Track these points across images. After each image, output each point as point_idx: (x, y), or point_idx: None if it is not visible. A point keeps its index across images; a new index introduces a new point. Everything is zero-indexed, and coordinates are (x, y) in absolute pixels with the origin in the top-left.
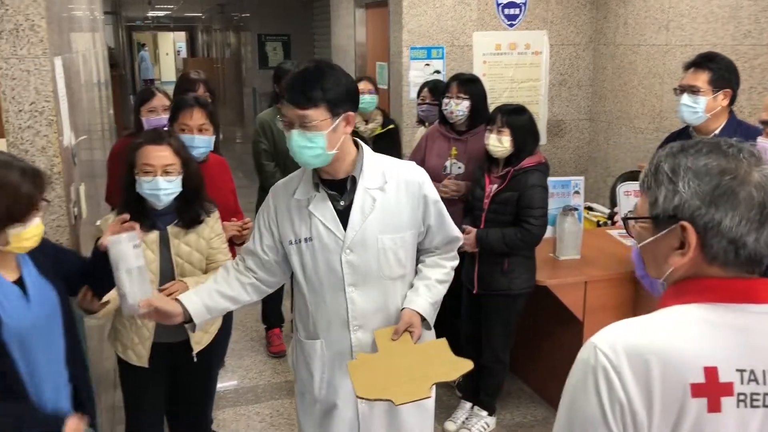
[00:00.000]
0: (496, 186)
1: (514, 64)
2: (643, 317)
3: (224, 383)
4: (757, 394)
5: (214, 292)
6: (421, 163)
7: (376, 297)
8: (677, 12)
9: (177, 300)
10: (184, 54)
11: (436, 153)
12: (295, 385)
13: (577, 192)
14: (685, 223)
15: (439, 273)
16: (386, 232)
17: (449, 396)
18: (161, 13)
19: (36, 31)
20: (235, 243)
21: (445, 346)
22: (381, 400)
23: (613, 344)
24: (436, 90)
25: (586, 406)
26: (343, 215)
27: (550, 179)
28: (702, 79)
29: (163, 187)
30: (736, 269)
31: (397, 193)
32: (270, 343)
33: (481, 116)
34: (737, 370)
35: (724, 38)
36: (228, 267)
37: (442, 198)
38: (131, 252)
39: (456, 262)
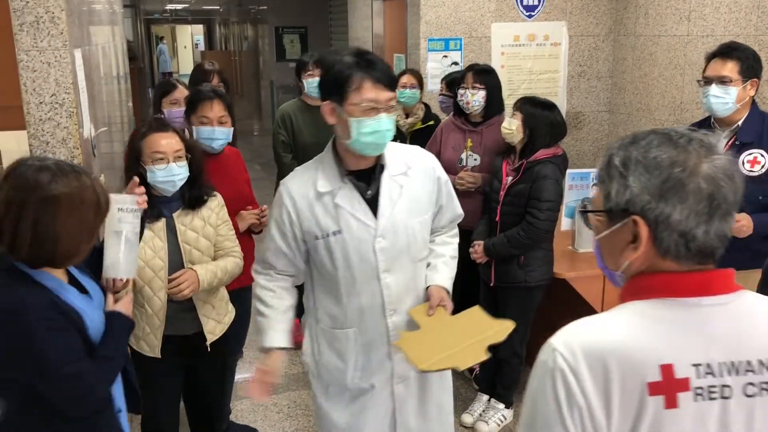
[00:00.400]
0: (511, 178)
1: (533, 56)
2: (601, 316)
3: (242, 374)
4: (714, 386)
5: (281, 314)
6: (437, 155)
7: (407, 280)
8: (699, 2)
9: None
10: (202, 47)
11: (451, 145)
12: (314, 380)
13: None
14: (637, 218)
15: (450, 249)
16: (414, 216)
17: (466, 388)
18: (179, 6)
19: (56, 23)
20: (253, 231)
21: (482, 312)
22: (444, 369)
23: (571, 345)
24: (453, 83)
25: (546, 408)
26: (371, 204)
27: (569, 171)
28: (731, 68)
29: (177, 172)
30: (689, 262)
31: (417, 178)
32: None
33: (496, 107)
34: (693, 365)
35: (747, 28)
36: (266, 288)
37: (458, 191)
38: (115, 215)
39: (458, 238)
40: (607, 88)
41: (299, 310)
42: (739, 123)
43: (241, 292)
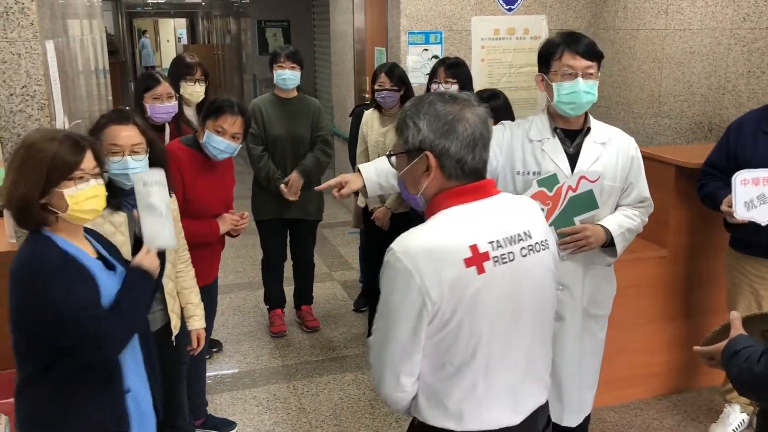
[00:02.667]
0: None
1: (513, 49)
2: (425, 225)
3: (222, 367)
4: (504, 254)
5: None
6: None
7: None
8: None
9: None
10: (185, 41)
11: None
12: None
13: None
14: (428, 152)
15: (630, 214)
16: (604, 179)
17: None
18: (162, 0)
19: (26, 14)
20: (230, 235)
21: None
22: None
23: (407, 249)
24: (392, 74)
25: (393, 298)
26: (571, 159)
27: None
28: None
29: (132, 166)
30: (465, 180)
31: (614, 150)
32: (271, 323)
33: None
34: (488, 242)
35: (723, 22)
36: None
37: None
38: (142, 190)
39: (641, 220)
40: None
41: (280, 301)
42: None
43: (205, 288)
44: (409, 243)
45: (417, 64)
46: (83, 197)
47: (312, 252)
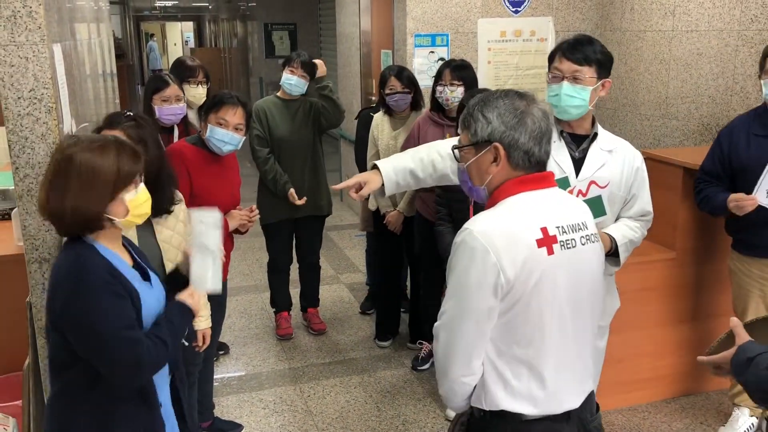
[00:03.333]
0: None
1: (519, 51)
2: (496, 210)
3: (228, 370)
4: (568, 240)
5: (407, 158)
6: None
7: None
8: None
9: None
10: (192, 44)
11: (430, 140)
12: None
13: None
14: (497, 144)
15: (632, 225)
16: (611, 185)
17: None
18: (169, 3)
19: (34, 18)
20: (240, 231)
21: None
22: None
23: (483, 228)
24: (402, 77)
25: (468, 277)
26: (576, 164)
27: None
28: None
29: None
30: (531, 171)
31: (620, 159)
32: (278, 325)
33: None
34: (556, 227)
35: (731, 23)
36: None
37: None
38: (196, 228)
39: (642, 232)
40: None
41: (286, 304)
42: None
43: None
44: (484, 223)
45: (423, 67)
46: (139, 201)
47: (318, 254)
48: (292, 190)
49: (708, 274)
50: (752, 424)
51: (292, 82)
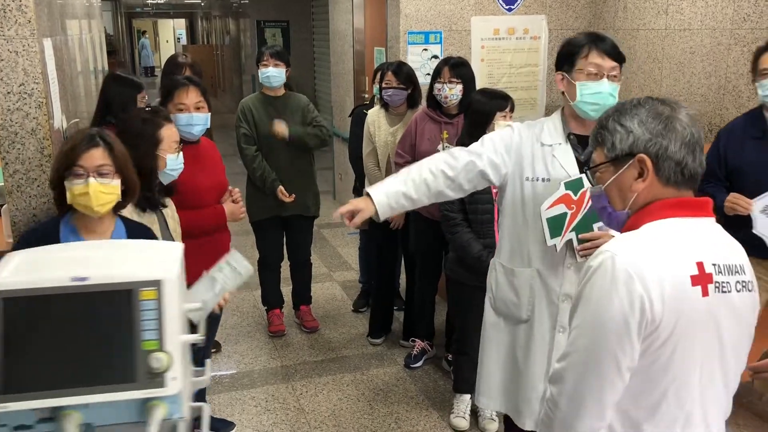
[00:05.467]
0: None
1: (513, 49)
2: (639, 233)
3: (220, 368)
4: (723, 282)
5: (408, 182)
6: (412, 147)
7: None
8: None
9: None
10: (184, 41)
11: (427, 137)
12: (491, 303)
13: None
14: (642, 155)
15: None
16: None
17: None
18: (161, 0)
19: (23, 12)
20: (235, 219)
21: None
22: None
23: (628, 252)
24: (399, 72)
25: (612, 310)
26: (581, 167)
27: None
28: None
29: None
30: (683, 187)
31: None
32: (270, 322)
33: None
34: (712, 264)
35: (723, 22)
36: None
37: None
38: (222, 262)
39: None
40: None
41: (278, 301)
42: None
43: None
44: (628, 247)
45: (416, 64)
46: (75, 192)
47: (309, 251)
48: (281, 187)
49: None
50: None
51: (269, 73)
